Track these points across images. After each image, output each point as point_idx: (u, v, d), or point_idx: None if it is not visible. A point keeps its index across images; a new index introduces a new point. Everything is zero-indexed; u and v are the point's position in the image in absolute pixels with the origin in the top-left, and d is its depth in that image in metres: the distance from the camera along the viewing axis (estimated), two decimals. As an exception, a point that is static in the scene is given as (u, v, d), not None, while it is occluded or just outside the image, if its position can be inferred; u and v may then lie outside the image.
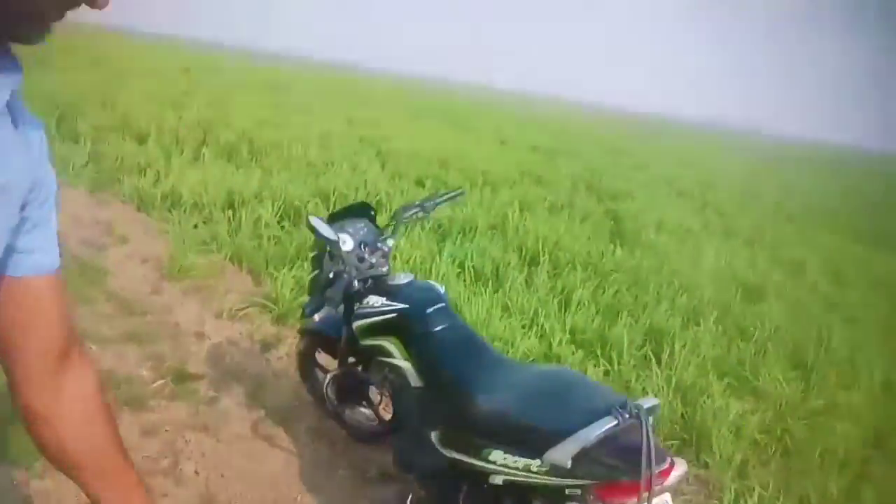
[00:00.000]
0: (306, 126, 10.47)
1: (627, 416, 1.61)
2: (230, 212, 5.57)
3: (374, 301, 2.30)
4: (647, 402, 1.69)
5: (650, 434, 1.57)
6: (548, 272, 5.28)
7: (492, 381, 1.96)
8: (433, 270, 4.71)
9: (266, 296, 4.28)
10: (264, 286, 4.51)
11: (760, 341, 4.75)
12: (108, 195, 6.13)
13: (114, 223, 5.32)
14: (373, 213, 2.66)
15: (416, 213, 2.66)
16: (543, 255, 5.54)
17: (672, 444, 3.36)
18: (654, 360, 4.12)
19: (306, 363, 3.01)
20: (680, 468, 1.70)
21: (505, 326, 4.13)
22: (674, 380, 3.83)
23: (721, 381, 3.99)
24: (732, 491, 2.70)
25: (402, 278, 2.41)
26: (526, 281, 5.04)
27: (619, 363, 3.99)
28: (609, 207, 8.57)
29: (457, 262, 5.04)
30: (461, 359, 2.11)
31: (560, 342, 4.09)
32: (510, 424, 1.80)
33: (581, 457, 1.60)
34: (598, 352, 4.12)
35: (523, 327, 4.29)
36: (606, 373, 3.93)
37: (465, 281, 4.80)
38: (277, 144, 8.20)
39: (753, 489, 2.80)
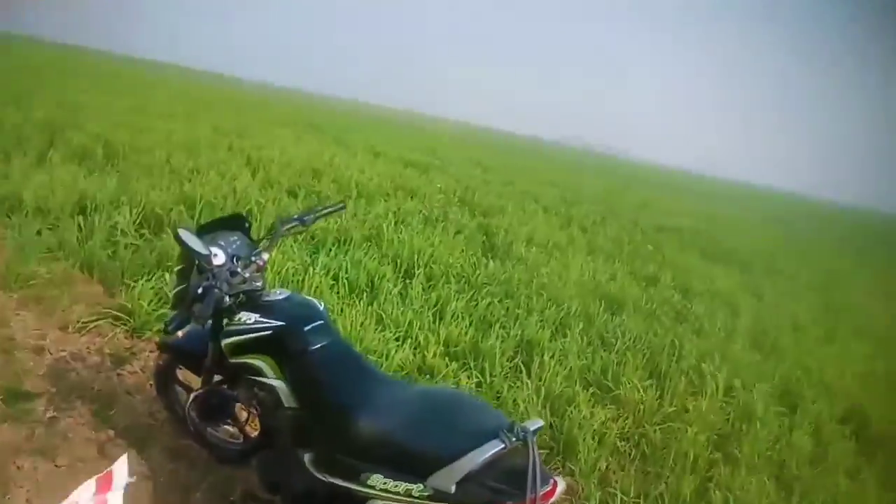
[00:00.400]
0: (169, 132, 9.88)
1: (514, 439, 1.60)
2: (80, 218, 5.09)
3: (247, 317, 2.16)
4: (533, 424, 1.67)
5: (536, 457, 1.56)
6: (422, 284, 5.29)
7: (373, 401, 1.89)
8: (306, 282, 4.57)
9: (120, 307, 3.93)
10: (118, 297, 4.15)
11: (621, 351, 5.01)
12: (-66, 196, 5.42)
13: (-62, 226, 4.71)
14: (247, 225, 2.52)
15: (295, 226, 2.55)
16: (418, 268, 5.55)
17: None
18: (524, 371, 4.22)
19: (165, 380, 2.79)
20: (561, 486, 1.72)
21: (379, 339, 4.08)
22: (543, 390, 3.94)
23: (586, 390, 4.16)
24: (597, 498, 2.79)
25: (278, 294, 2.27)
26: (401, 293, 5.01)
27: (491, 374, 4.06)
28: (481, 222, 8.75)
29: (331, 274, 4.93)
30: (341, 378, 2.01)
31: (434, 354, 4.09)
32: (392, 447, 1.73)
33: (465, 481, 1.57)
34: (472, 363, 4.16)
35: (397, 339, 4.26)
36: (479, 384, 3.98)
37: (338, 293, 4.69)
38: (137, 149, 7.67)
39: (616, 495, 2.92)
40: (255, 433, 2.63)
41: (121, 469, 1.31)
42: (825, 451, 4.24)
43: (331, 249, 5.60)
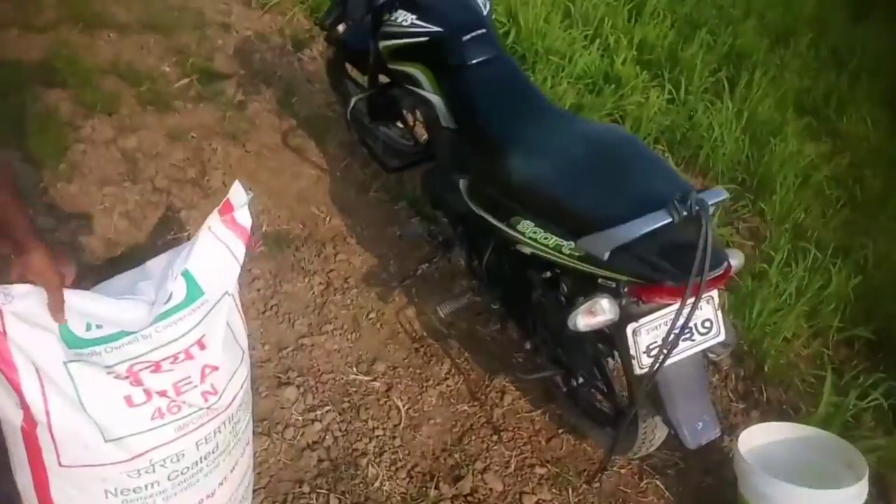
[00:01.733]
0: None
1: (685, 213, 1.32)
2: None
3: (403, 18, 1.91)
4: (714, 195, 1.38)
5: (709, 236, 1.29)
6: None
7: (533, 135, 1.66)
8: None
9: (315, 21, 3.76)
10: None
11: (856, 72, 4.16)
12: None
13: None
14: None
15: None
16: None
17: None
18: (727, 88, 3.65)
19: (336, 74, 2.67)
20: (734, 260, 1.47)
21: (564, 37, 3.64)
22: (745, 114, 3.43)
23: (800, 119, 3.58)
24: (785, 251, 2.50)
25: None
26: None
27: (687, 90, 3.56)
28: None
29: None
30: (500, 102, 1.78)
31: (625, 60, 3.62)
32: (545, 197, 1.54)
33: (622, 250, 1.36)
34: (666, 74, 3.66)
35: (585, 38, 3.78)
36: (671, 101, 3.53)
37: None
38: None
39: (809, 251, 2.59)
40: (424, 139, 2.54)
41: (237, 193, 1.27)
42: None
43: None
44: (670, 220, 1.32)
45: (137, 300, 1.13)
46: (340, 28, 2.27)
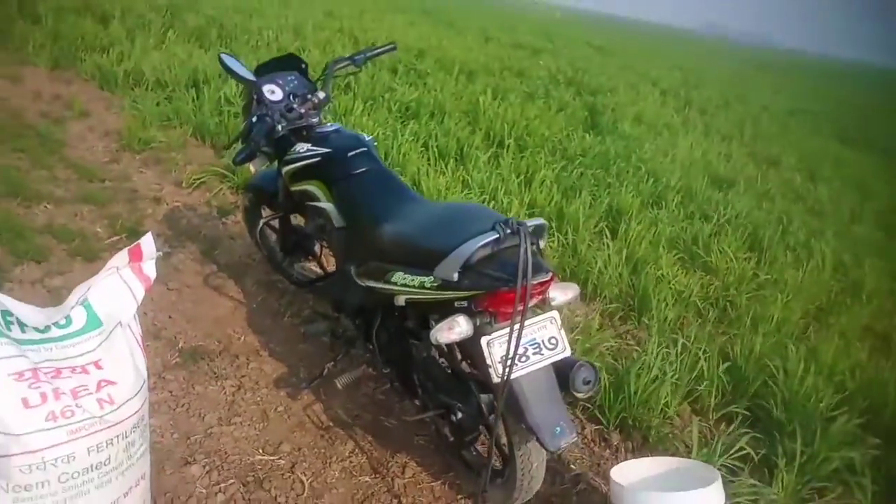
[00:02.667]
0: (281, 16, 10.09)
1: (508, 231, 1.67)
2: (194, 90, 5.47)
3: (301, 148, 2.35)
4: (532, 221, 1.73)
5: (527, 245, 1.61)
6: (513, 153, 5.28)
7: (401, 214, 2.02)
8: (394, 146, 4.69)
9: (226, 167, 4.26)
10: (225, 158, 4.49)
11: (719, 224, 4.83)
12: (70, 73, 5.98)
13: (74, 99, 5.21)
14: (304, 66, 2.65)
15: (347, 65, 2.65)
16: (510, 139, 5.52)
17: (617, 308, 3.48)
18: (609, 234, 4.19)
19: (252, 218, 3.05)
20: (568, 291, 1.80)
21: (462, 198, 4.17)
22: (625, 252, 3.91)
23: (671, 253, 4.09)
24: (657, 341, 2.81)
25: (328, 127, 2.45)
26: (489, 160, 5.04)
27: (573, 235, 4.07)
28: (587, 101, 8.45)
29: (420, 141, 5.02)
30: (377, 197, 2.16)
31: (517, 215, 4.14)
32: (408, 246, 1.88)
33: (466, 270, 1.67)
34: (555, 225, 4.18)
35: (481, 201, 4.33)
36: (561, 244, 4.01)
37: (427, 158, 4.79)
38: (248, 30, 7.95)
39: (677, 340, 2.92)
40: (332, 268, 2.86)
41: (148, 243, 1.53)
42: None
43: (424, 120, 5.67)
44: (497, 235, 1.66)
45: (41, 308, 1.34)
46: (252, 169, 2.67)
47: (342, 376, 2.17)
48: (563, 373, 1.76)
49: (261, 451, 2.11)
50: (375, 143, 2.44)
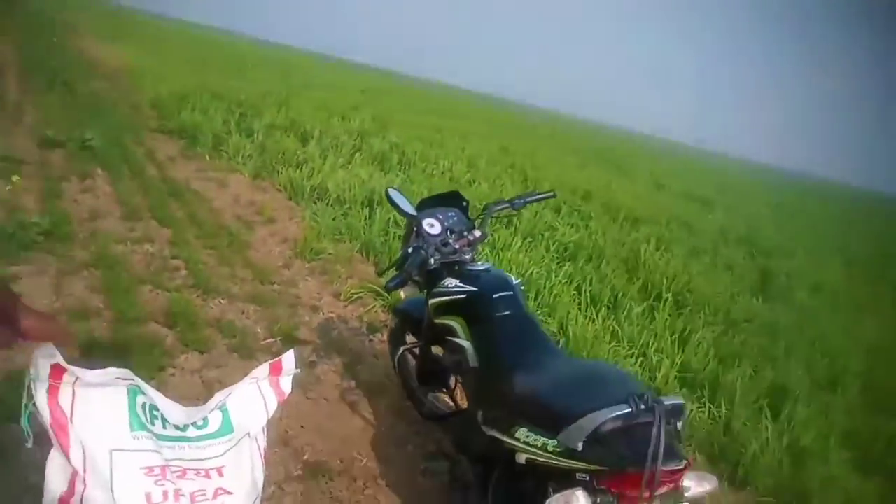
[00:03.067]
0: (459, 148, 10.83)
1: (643, 406, 1.55)
2: (367, 209, 5.91)
3: (450, 282, 2.39)
4: (671, 399, 1.60)
5: (661, 427, 1.48)
6: (670, 310, 5.04)
7: (535, 366, 1.96)
8: (547, 286, 4.68)
9: (383, 287, 4.47)
10: (384, 278, 4.72)
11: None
12: (267, 183, 6.74)
13: (265, 206, 5.84)
14: (465, 203, 2.75)
15: (506, 208, 2.73)
16: (669, 293, 5.30)
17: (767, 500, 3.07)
18: (769, 414, 3.78)
19: (395, 341, 3.12)
20: (705, 482, 1.60)
21: (609, 350, 4.01)
22: (787, 438, 3.50)
23: (844, 450, 3.59)
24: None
25: (479, 265, 2.47)
26: (643, 314, 4.85)
27: (727, 409, 3.72)
28: (759, 262, 8.00)
29: (574, 285, 4.97)
30: (514, 344, 2.11)
31: (667, 378, 3.89)
32: (536, 403, 1.80)
33: (593, 441, 1.56)
34: (706, 395, 3.86)
35: (631, 356, 4.13)
36: (712, 416, 3.67)
37: (579, 303, 4.71)
38: (426, 158, 8.58)
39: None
40: (465, 405, 2.82)
41: (289, 360, 1.58)
42: None
43: (580, 263, 5.64)
44: (629, 409, 1.52)
45: (182, 407, 1.42)
46: (403, 295, 2.77)
47: None
48: None
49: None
50: (523, 288, 2.44)
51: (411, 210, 2.64)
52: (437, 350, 2.89)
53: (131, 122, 8.43)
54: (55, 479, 1.29)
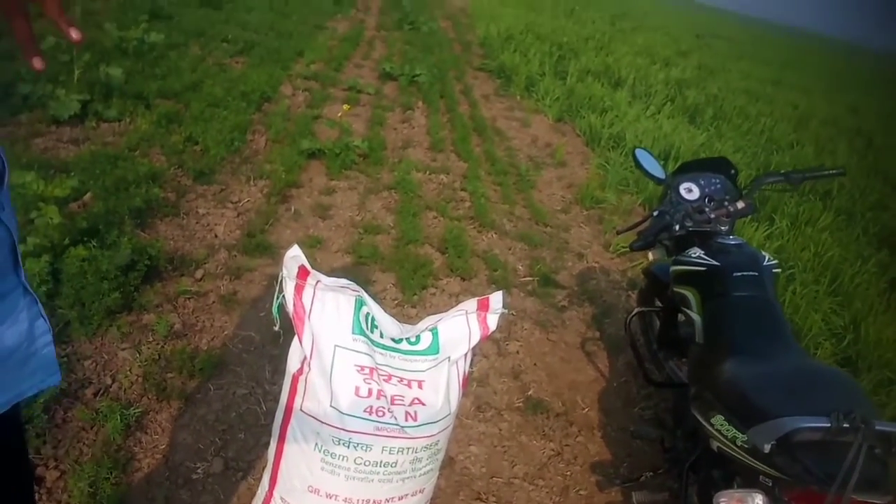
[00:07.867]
0: (790, 105, 9.60)
1: (846, 425, 1.33)
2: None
3: (694, 252, 2.24)
4: (886, 424, 1.34)
5: (861, 450, 1.27)
6: None
7: (756, 354, 1.78)
8: (848, 274, 4.05)
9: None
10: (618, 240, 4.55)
11: None
12: (567, 127, 6.86)
13: (560, 149, 5.98)
14: (734, 171, 2.51)
15: (780, 181, 2.44)
16: None
17: None
18: None
19: (643, 300, 3.05)
20: None
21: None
22: None
23: None
24: None
25: (731, 240, 2.27)
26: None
27: None
28: None
29: (888, 277, 4.22)
30: (743, 328, 1.93)
31: None
32: (737, 392, 1.65)
33: (783, 447, 1.40)
34: None
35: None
36: None
37: (888, 299, 4.00)
38: (745, 114, 7.81)
39: None
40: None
41: (497, 299, 1.68)
42: None
43: None
44: (828, 426, 1.33)
45: (399, 323, 1.65)
46: (650, 256, 2.71)
47: (642, 493, 2.04)
48: None
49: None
50: (776, 271, 2.19)
51: (660, 174, 2.53)
52: (681, 318, 2.79)
53: (459, 60, 9.16)
54: (292, 359, 1.63)
